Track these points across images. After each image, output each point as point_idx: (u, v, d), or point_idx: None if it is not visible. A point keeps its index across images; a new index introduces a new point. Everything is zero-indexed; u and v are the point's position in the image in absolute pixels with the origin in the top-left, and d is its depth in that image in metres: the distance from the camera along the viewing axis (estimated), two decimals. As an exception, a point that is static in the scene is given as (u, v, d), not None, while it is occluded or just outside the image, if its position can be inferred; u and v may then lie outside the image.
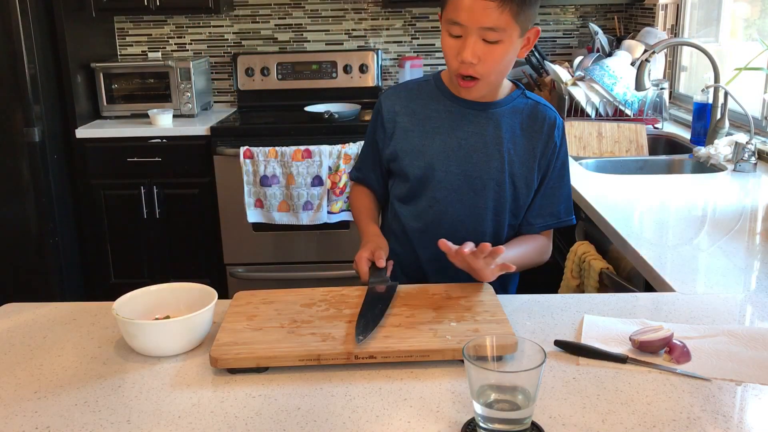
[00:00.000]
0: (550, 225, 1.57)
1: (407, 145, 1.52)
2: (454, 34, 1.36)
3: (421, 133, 1.51)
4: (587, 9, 3.83)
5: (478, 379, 0.88)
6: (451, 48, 1.37)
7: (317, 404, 0.99)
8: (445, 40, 1.38)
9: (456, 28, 1.34)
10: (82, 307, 1.34)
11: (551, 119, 1.52)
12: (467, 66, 1.36)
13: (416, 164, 1.51)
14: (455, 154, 1.49)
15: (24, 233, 3.29)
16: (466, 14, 1.32)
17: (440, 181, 1.50)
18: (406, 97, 1.55)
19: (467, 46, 1.34)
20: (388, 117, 1.54)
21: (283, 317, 1.20)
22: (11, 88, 3.11)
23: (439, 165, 1.50)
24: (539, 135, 1.50)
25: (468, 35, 1.34)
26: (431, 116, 1.51)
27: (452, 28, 1.35)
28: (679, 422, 0.93)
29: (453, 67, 1.39)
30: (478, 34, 1.33)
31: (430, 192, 1.52)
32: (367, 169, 1.64)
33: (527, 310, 1.28)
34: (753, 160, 2.28)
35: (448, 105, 1.51)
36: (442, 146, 1.49)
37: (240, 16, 3.85)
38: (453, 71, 1.41)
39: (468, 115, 1.50)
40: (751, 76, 2.65)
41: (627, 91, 2.98)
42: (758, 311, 1.28)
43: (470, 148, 1.49)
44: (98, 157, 3.37)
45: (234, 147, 3.23)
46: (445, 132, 1.50)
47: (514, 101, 1.51)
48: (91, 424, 0.95)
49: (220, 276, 3.45)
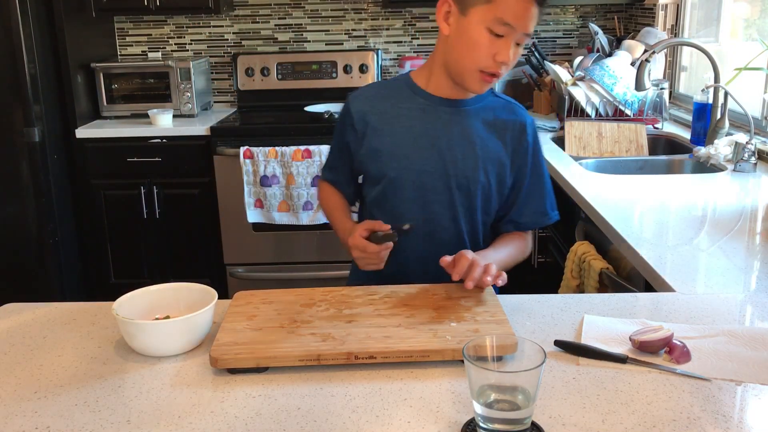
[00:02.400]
0: (538, 222, 1.58)
1: (381, 144, 1.51)
2: (498, 33, 1.35)
3: (394, 133, 1.50)
4: (587, 9, 3.83)
5: (478, 379, 0.88)
6: (488, 45, 1.36)
7: (317, 404, 0.99)
8: (483, 36, 1.36)
9: (503, 28, 1.34)
10: (82, 307, 1.34)
11: (522, 118, 1.54)
12: (500, 66, 1.38)
13: (391, 164, 1.50)
14: (429, 152, 1.49)
15: (24, 233, 3.29)
16: (520, 19, 1.34)
17: (415, 181, 1.50)
18: (375, 97, 1.55)
19: (508, 47, 1.36)
20: (358, 117, 1.53)
21: (283, 317, 1.20)
22: (11, 88, 3.11)
23: (414, 163, 1.49)
24: (511, 133, 1.52)
25: (510, 36, 1.35)
26: (403, 114, 1.51)
27: (499, 27, 1.34)
28: (679, 422, 0.93)
29: (485, 64, 1.38)
30: (518, 38, 1.36)
31: (406, 192, 1.51)
32: (337, 171, 1.64)
33: (527, 310, 1.28)
34: (753, 160, 2.28)
35: (420, 103, 1.51)
36: (415, 144, 1.49)
37: (240, 16, 3.85)
38: (480, 67, 1.39)
39: (441, 113, 1.50)
40: (751, 76, 2.65)
41: (627, 91, 2.98)
42: (758, 311, 1.28)
43: (444, 145, 1.49)
44: (98, 157, 3.37)
45: (234, 147, 3.23)
46: (418, 130, 1.50)
47: (485, 99, 1.53)
48: (91, 424, 0.95)
49: (220, 276, 3.45)
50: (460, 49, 1.40)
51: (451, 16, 1.40)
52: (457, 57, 1.42)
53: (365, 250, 1.39)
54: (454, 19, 1.40)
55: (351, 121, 1.55)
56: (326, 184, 1.68)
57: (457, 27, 1.40)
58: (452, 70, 1.45)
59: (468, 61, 1.40)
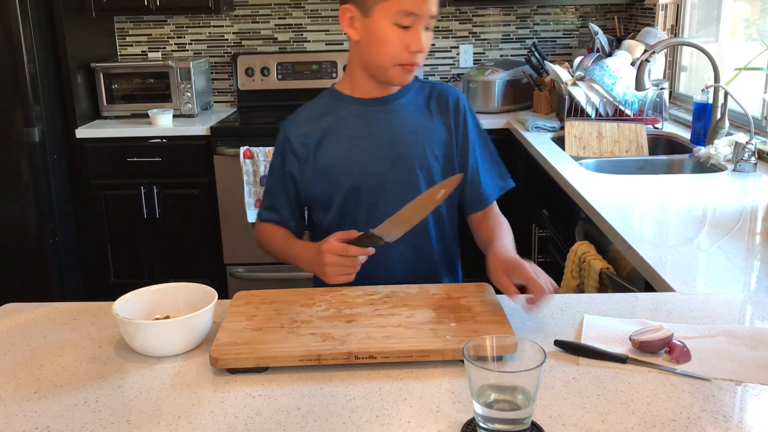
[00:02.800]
0: (502, 188, 1.61)
1: (329, 160, 1.51)
2: (405, 24, 1.37)
3: (339, 145, 1.51)
4: (587, 9, 3.83)
5: (478, 379, 0.88)
6: (398, 39, 1.38)
7: (317, 404, 0.99)
8: (391, 31, 1.38)
9: (408, 18, 1.37)
10: (82, 307, 1.34)
11: (453, 95, 1.57)
12: (415, 55, 1.39)
13: (345, 175, 1.50)
14: (376, 153, 1.50)
15: (24, 233, 3.29)
16: (421, 5, 1.36)
17: (371, 185, 1.50)
18: (310, 118, 1.55)
19: (419, 36, 1.38)
20: (298, 142, 1.52)
21: (283, 317, 1.20)
22: (11, 88, 3.11)
23: (366, 168, 1.50)
24: (447, 112, 1.55)
25: (417, 25, 1.37)
26: (341, 126, 1.51)
27: (404, 19, 1.37)
28: (679, 422, 0.93)
29: (401, 57, 1.40)
30: (426, 23, 1.39)
31: (364, 198, 1.51)
32: (279, 207, 1.58)
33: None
34: (753, 160, 2.28)
35: (353, 109, 1.52)
36: (361, 150, 1.50)
37: (240, 16, 3.85)
38: (398, 61, 1.41)
39: (377, 113, 1.51)
40: (751, 76, 2.65)
41: (627, 91, 2.98)
42: (758, 311, 1.28)
43: (390, 143, 1.50)
44: (98, 157, 3.37)
45: (234, 147, 3.23)
46: (361, 135, 1.50)
47: (413, 88, 1.55)
48: (91, 424, 0.95)
49: (220, 276, 3.45)
50: (373, 49, 1.42)
51: (356, 20, 1.42)
52: (373, 57, 1.44)
53: (346, 252, 1.31)
54: (359, 23, 1.42)
55: (291, 148, 1.53)
56: (266, 224, 1.61)
57: (364, 30, 1.42)
58: (372, 70, 1.47)
59: (384, 59, 1.42)
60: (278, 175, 1.57)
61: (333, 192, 1.52)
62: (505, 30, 3.88)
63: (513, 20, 3.87)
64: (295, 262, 1.50)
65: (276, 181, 1.58)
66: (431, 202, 1.28)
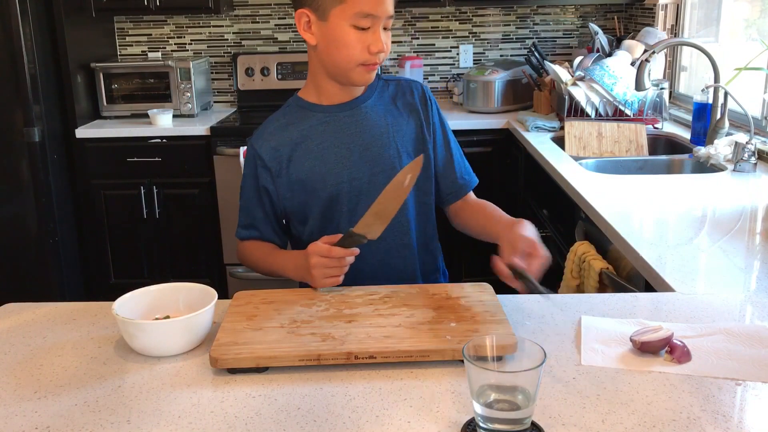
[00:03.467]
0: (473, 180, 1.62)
1: (303, 172, 1.49)
2: (363, 26, 1.37)
3: (310, 156, 1.49)
4: (587, 9, 3.83)
5: (478, 379, 0.88)
6: (358, 41, 1.37)
7: (317, 404, 0.99)
8: (349, 34, 1.37)
9: (366, 20, 1.36)
10: (82, 307, 1.34)
11: (418, 87, 1.58)
12: (378, 55, 1.39)
13: (322, 185, 1.49)
14: (352, 159, 1.49)
15: (24, 233, 3.29)
16: (378, 6, 1.36)
17: (349, 192, 1.49)
18: (276, 131, 1.52)
19: (378, 36, 1.38)
20: (269, 156, 1.50)
21: (283, 317, 1.20)
22: (11, 88, 3.11)
23: (342, 175, 1.49)
24: (414, 105, 1.55)
25: (376, 26, 1.38)
26: (311, 135, 1.50)
27: (361, 21, 1.36)
28: (679, 422, 0.93)
29: (362, 58, 1.39)
30: (384, 23, 1.39)
31: (343, 206, 1.50)
32: (257, 224, 1.56)
33: (527, 310, 1.28)
34: (753, 160, 2.28)
35: (321, 117, 1.50)
36: (335, 157, 1.49)
37: (240, 16, 3.85)
38: (359, 62, 1.40)
39: (344, 119, 1.50)
40: (751, 76, 2.65)
41: (627, 91, 2.98)
42: (758, 311, 1.28)
43: (362, 147, 1.49)
44: (98, 157, 3.38)
45: (234, 147, 3.23)
46: (331, 143, 1.49)
47: (378, 88, 1.55)
48: (91, 424, 0.95)
49: (220, 276, 3.45)
50: (333, 53, 1.41)
51: (313, 25, 1.41)
52: (334, 61, 1.42)
53: (329, 254, 1.30)
54: (316, 27, 1.41)
55: (262, 163, 1.52)
56: (248, 242, 1.59)
57: (322, 34, 1.40)
58: (333, 74, 1.45)
59: (345, 61, 1.41)
60: (252, 191, 1.55)
61: (311, 203, 1.51)
62: (505, 30, 3.88)
63: (513, 20, 3.87)
64: (282, 272, 1.48)
65: (251, 197, 1.56)
66: (401, 189, 1.28)
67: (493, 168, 3.38)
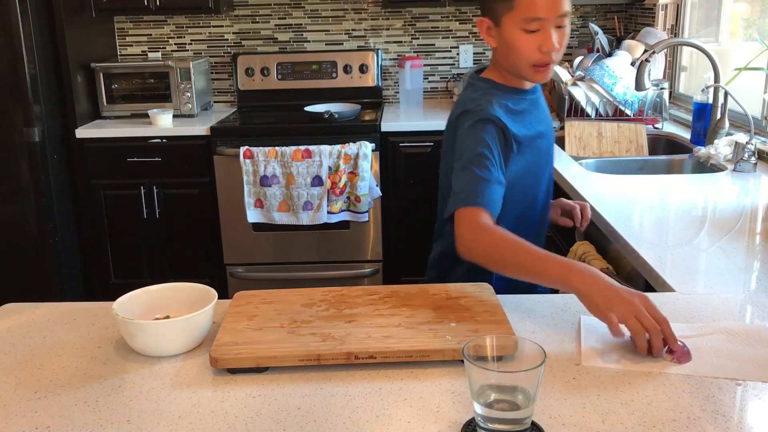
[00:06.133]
0: None
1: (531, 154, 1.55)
2: (531, 29, 1.42)
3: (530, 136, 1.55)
4: (587, 9, 3.83)
5: (478, 379, 0.88)
6: (529, 43, 1.43)
7: (317, 404, 0.99)
8: (521, 38, 1.44)
9: (534, 23, 1.42)
10: (82, 307, 1.34)
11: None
12: (549, 54, 1.44)
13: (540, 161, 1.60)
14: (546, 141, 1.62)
15: (24, 233, 3.29)
16: (545, 8, 1.41)
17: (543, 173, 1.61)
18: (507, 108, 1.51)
19: (548, 36, 1.42)
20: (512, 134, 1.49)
21: (283, 317, 1.20)
22: (11, 88, 3.11)
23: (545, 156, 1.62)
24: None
25: (546, 27, 1.43)
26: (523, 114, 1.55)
27: (530, 24, 1.42)
28: (679, 422, 0.93)
29: (534, 58, 1.45)
30: (554, 22, 1.42)
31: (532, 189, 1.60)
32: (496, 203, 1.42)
33: (527, 310, 1.28)
34: (753, 160, 2.28)
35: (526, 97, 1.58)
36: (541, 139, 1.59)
37: (240, 16, 3.85)
38: (532, 63, 1.46)
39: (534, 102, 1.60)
40: (751, 76, 2.65)
41: (627, 91, 2.98)
42: (758, 311, 1.28)
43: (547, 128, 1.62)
44: (98, 157, 3.37)
45: (234, 147, 3.23)
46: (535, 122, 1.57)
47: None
48: (91, 424, 0.95)
49: (220, 276, 3.45)
50: (508, 55, 1.48)
51: (491, 30, 1.49)
52: (510, 61, 1.50)
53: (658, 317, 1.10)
54: (494, 32, 1.49)
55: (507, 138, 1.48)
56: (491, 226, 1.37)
57: (498, 38, 1.48)
58: (512, 72, 1.53)
59: (519, 63, 1.48)
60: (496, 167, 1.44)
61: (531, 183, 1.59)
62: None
63: (513, 20, 3.87)
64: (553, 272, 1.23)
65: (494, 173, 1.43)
66: None
67: (493, 168, 3.38)
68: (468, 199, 1.39)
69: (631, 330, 1.09)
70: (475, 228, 1.35)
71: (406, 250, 3.45)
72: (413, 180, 3.38)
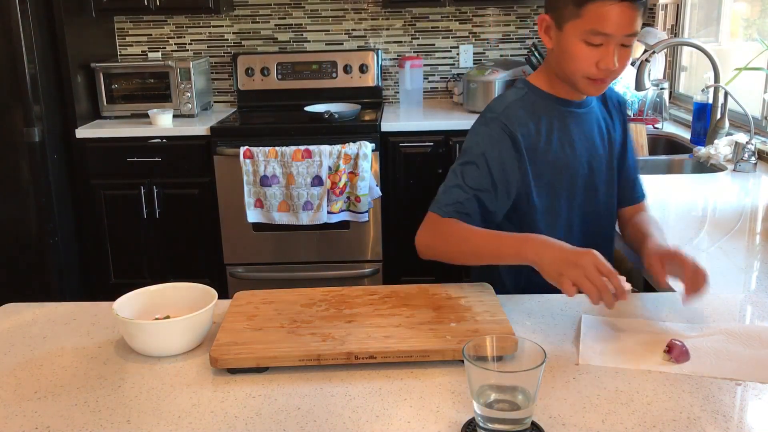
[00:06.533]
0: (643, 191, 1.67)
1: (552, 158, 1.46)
2: (594, 43, 1.35)
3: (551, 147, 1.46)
4: (587, 9, 3.83)
5: (478, 379, 0.88)
6: (588, 56, 1.36)
7: (317, 404, 0.99)
8: (581, 48, 1.36)
9: (599, 38, 1.34)
10: (82, 307, 1.34)
11: (616, 93, 1.63)
12: (607, 72, 1.37)
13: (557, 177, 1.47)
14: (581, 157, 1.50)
15: (24, 233, 3.29)
16: (614, 25, 1.32)
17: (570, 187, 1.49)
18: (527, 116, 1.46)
19: (611, 54, 1.35)
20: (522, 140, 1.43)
21: (283, 317, 1.20)
22: (11, 88, 3.11)
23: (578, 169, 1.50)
24: (619, 111, 1.60)
25: (609, 44, 1.35)
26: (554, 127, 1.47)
27: (594, 37, 1.34)
28: (679, 422, 0.93)
29: (588, 72, 1.38)
30: (620, 41, 1.35)
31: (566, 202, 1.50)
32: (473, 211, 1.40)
33: (527, 310, 1.28)
34: (753, 160, 2.28)
35: (560, 111, 1.49)
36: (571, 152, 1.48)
37: (240, 16, 3.85)
38: (585, 75, 1.39)
39: (578, 116, 1.50)
40: (751, 76, 2.65)
41: (627, 90, 2.98)
42: (758, 311, 1.28)
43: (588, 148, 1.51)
44: (98, 157, 3.37)
45: (234, 147, 3.23)
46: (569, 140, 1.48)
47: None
48: (91, 424, 0.95)
49: (220, 276, 3.45)
50: (563, 60, 1.41)
51: (551, 30, 1.42)
52: (562, 67, 1.43)
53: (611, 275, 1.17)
54: (553, 33, 1.42)
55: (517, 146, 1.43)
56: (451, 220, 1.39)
57: (557, 40, 1.41)
58: (563, 79, 1.45)
59: (573, 70, 1.41)
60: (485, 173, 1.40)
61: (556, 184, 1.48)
62: (505, 30, 3.88)
63: (513, 20, 3.87)
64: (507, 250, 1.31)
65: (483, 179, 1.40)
66: None
67: (493, 168, 3.38)
68: (437, 205, 1.40)
69: (585, 291, 1.15)
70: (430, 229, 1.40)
71: (406, 250, 3.42)
72: (413, 180, 3.38)
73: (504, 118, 1.43)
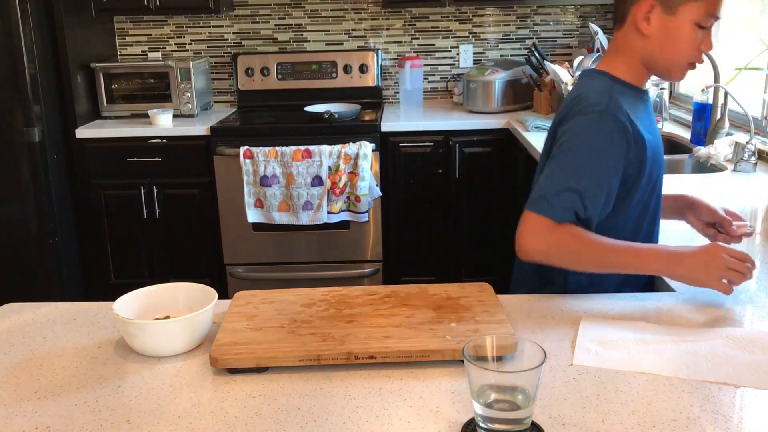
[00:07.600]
0: None
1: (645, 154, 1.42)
2: (706, 26, 1.38)
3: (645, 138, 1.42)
4: (587, 9, 3.83)
5: (478, 379, 0.88)
6: (696, 40, 1.38)
7: (317, 404, 0.99)
8: (693, 32, 1.37)
9: (711, 20, 1.37)
10: (82, 307, 1.34)
11: None
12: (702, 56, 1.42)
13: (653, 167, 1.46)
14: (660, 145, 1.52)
15: (24, 233, 3.29)
16: (722, 7, 1.38)
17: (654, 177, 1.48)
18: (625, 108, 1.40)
19: (710, 35, 1.40)
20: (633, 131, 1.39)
21: (283, 317, 1.20)
22: (11, 88, 3.11)
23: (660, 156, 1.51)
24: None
25: (711, 27, 1.39)
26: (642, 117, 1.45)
27: (708, 20, 1.37)
28: (679, 422, 0.93)
29: (692, 57, 1.40)
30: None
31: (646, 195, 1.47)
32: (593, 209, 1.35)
33: (527, 310, 1.28)
34: (753, 160, 2.28)
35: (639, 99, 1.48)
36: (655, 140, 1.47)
37: (240, 16, 3.85)
38: (689, 60, 1.41)
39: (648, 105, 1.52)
40: (751, 76, 2.65)
41: (627, 91, 2.97)
42: (758, 311, 1.28)
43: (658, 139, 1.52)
44: (98, 157, 3.37)
45: (234, 147, 3.23)
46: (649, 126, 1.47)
47: None
48: (91, 424, 0.95)
49: (220, 276, 3.45)
50: (667, 47, 1.39)
51: (654, 16, 1.38)
52: (664, 54, 1.41)
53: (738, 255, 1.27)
54: (657, 19, 1.38)
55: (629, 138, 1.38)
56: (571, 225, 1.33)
57: (662, 26, 1.38)
58: (655, 65, 1.43)
59: (678, 57, 1.40)
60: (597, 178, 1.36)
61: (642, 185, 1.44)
62: (505, 30, 3.88)
63: (513, 20, 3.87)
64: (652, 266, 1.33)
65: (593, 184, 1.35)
66: None
67: (493, 168, 3.38)
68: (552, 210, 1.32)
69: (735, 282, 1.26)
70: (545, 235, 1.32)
71: (406, 250, 3.45)
72: (413, 180, 3.38)
73: (614, 110, 1.37)
